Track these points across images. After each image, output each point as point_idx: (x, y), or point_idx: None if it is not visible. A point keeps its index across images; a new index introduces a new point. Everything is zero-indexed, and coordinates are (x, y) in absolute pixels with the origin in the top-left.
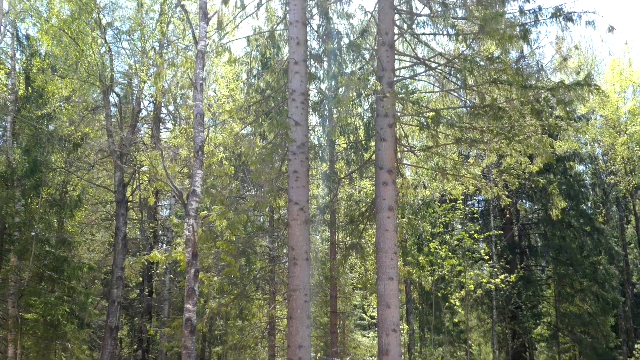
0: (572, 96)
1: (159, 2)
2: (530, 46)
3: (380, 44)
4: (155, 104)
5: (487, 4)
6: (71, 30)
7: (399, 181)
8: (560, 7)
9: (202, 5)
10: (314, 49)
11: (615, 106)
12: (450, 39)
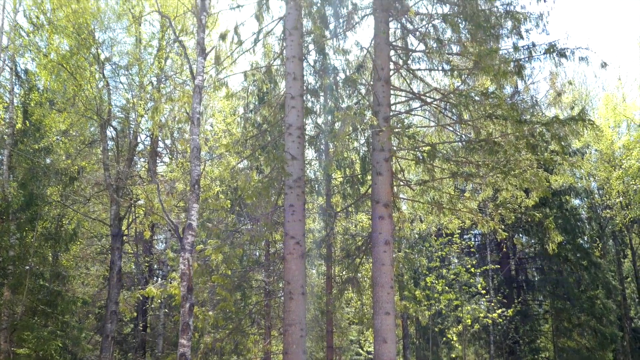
0: (566, 131)
1: (157, 37)
2: (524, 81)
3: (376, 79)
4: (152, 138)
5: (481, 41)
6: (70, 65)
7: (396, 215)
8: (554, 44)
9: (199, 41)
10: (310, 84)
11: (610, 141)
12: (445, 75)
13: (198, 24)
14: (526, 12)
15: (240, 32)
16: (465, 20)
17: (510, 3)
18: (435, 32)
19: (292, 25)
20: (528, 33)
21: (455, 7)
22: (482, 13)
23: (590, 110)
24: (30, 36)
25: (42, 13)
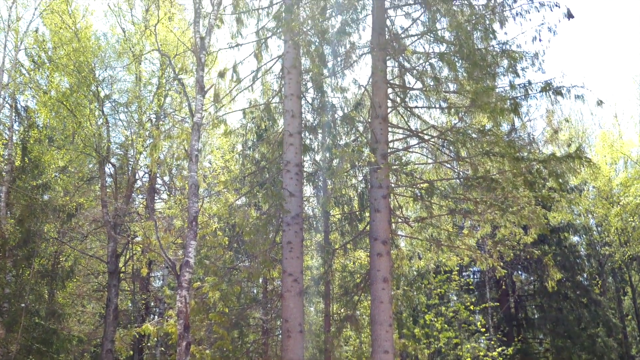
0: (564, 168)
1: (157, 75)
2: (521, 119)
3: (374, 116)
4: (150, 175)
5: (478, 79)
6: (70, 102)
7: (394, 252)
8: (550, 82)
9: (199, 79)
10: (308, 121)
11: (607, 178)
12: (442, 112)
13: (197, 62)
14: (522, 51)
15: (239, 70)
16: (462, 59)
17: (506, 42)
18: (432, 70)
19: (291, 64)
20: (524, 71)
21: (452, 46)
22: (479, 52)
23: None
24: (30, 74)
25: (44, 51)
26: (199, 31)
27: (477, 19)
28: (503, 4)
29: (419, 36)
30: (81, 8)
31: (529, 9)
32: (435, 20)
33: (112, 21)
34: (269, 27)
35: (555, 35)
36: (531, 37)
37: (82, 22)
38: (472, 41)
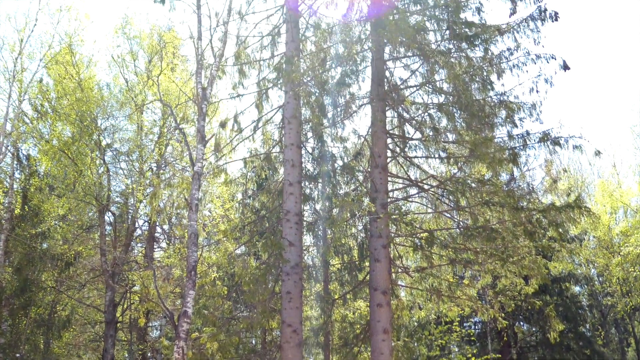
0: (563, 218)
1: (158, 125)
2: (520, 169)
3: (374, 166)
4: (150, 223)
5: (476, 129)
6: (71, 151)
7: (394, 302)
8: (548, 132)
9: (200, 129)
10: (308, 170)
11: (607, 227)
12: (442, 162)
13: (199, 112)
14: (519, 102)
15: (240, 120)
16: (460, 110)
17: (504, 93)
18: (431, 120)
19: (291, 114)
20: (522, 122)
21: (450, 97)
22: (477, 102)
23: (587, 196)
24: (33, 123)
25: (47, 101)
26: (201, 82)
27: (475, 71)
28: (500, 56)
29: (417, 87)
30: (85, 59)
31: (525, 61)
32: (433, 72)
33: (115, 71)
34: (270, 78)
35: (552, 87)
36: (528, 88)
37: (86, 73)
38: (470, 92)
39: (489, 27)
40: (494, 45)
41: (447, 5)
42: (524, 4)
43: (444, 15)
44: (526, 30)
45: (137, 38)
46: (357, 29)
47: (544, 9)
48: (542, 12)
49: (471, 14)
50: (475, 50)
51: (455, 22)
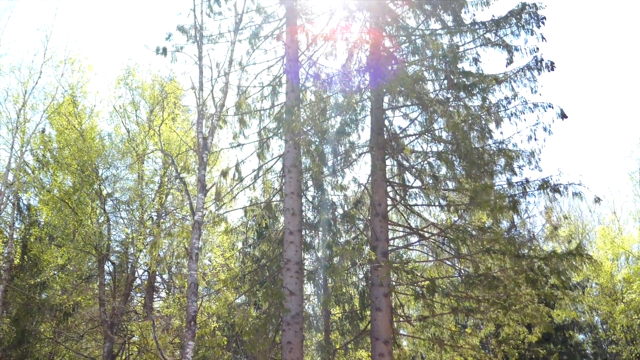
0: (565, 265)
1: (159, 174)
2: (520, 216)
3: (374, 214)
4: (149, 273)
5: (476, 177)
6: (72, 200)
7: (396, 352)
8: (547, 180)
9: (200, 178)
10: (309, 219)
11: (610, 274)
12: (442, 210)
13: (199, 161)
14: (518, 150)
15: (241, 169)
16: (460, 158)
17: (502, 141)
18: (431, 169)
19: (291, 163)
20: (521, 169)
21: (450, 145)
22: (476, 151)
23: (588, 243)
24: (35, 173)
25: (49, 151)
26: (202, 131)
27: (473, 119)
28: (498, 105)
29: (417, 136)
30: (87, 110)
31: (523, 109)
32: (432, 121)
33: (117, 122)
34: (271, 128)
35: (550, 135)
36: (527, 136)
37: (88, 123)
38: (469, 140)
39: (487, 76)
40: (491, 94)
41: (445, 55)
42: (520, 54)
43: (441, 65)
44: (523, 79)
45: (139, 89)
46: (357, 78)
47: (540, 59)
48: (538, 62)
49: (468, 64)
50: (473, 99)
51: (453, 71)
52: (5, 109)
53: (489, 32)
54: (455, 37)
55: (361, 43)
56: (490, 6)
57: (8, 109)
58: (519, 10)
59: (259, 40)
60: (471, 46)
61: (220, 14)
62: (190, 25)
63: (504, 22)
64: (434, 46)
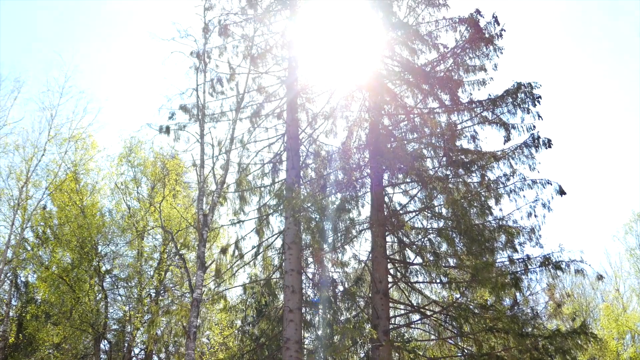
0: (570, 344)
1: (158, 250)
2: (523, 294)
3: (375, 292)
4: (146, 352)
5: (476, 254)
6: (70, 277)
7: None
8: (548, 256)
9: (200, 255)
10: (309, 296)
11: (616, 353)
12: (443, 287)
13: (199, 239)
14: (518, 226)
15: (241, 245)
16: (460, 235)
17: (503, 218)
18: (432, 245)
19: (292, 240)
20: (522, 246)
21: (450, 222)
22: (476, 227)
23: (592, 321)
24: (34, 250)
25: (49, 227)
26: (203, 208)
27: (473, 196)
28: (497, 181)
29: (417, 212)
30: (89, 186)
31: (522, 186)
32: (432, 197)
33: (118, 198)
34: (271, 204)
35: (550, 212)
36: (526, 212)
37: (89, 200)
38: (469, 217)
39: (485, 153)
40: (490, 171)
41: (443, 133)
42: (517, 132)
43: (440, 143)
44: (521, 156)
45: (140, 166)
46: (356, 156)
47: (537, 137)
48: (535, 140)
49: (466, 141)
50: (472, 176)
51: (451, 149)
52: (8, 186)
53: (486, 111)
54: (453, 116)
55: (361, 121)
56: (486, 85)
57: (10, 186)
58: (514, 90)
59: (260, 118)
60: (469, 124)
61: (222, 93)
62: (192, 104)
63: (500, 101)
64: (432, 124)
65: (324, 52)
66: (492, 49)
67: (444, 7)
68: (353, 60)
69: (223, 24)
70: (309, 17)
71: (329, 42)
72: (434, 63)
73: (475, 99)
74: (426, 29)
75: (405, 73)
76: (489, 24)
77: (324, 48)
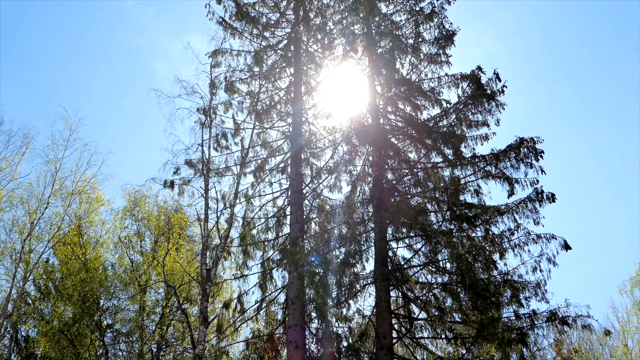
0: None
1: (160, 305)
2: (529, 349)
3: (379, 347)
4: None
5: (482, 309)
6: (71, 332)
7: None
8: (555, 311)
9: (202, 310)
10: (312, 351)
11: None
12: (449, 343)
13: (202, 293)
14: (524, 281)
15: (244, 300)
16: (465, 289)
17: (508, 272)
18: (436, 300)
19: (295, 294)
20: (528, 301)
21: (454, 277)
22: (481, 282)
23: None
24: (35, 304)
25: (51, 281)
26: (206, 262)
27: (477, 251)
28: (501, 236)
29: (421, 267)
30: (92, 240)
31: (526, 240)
32: (436, 252)
33: (121, 252)
34: (274, 259)
35: (555, 267)
36: (531, 267)
37: (92, 253)
38: (474, 272)
39: (489, 208)
40: (494, 226)
41: (447, 187)
42: (521, 186)
43: (443, 197)
44: (525, 211)
45: (144, 219)
46: (360, 210)
47: (540, 191)
48: (539, 194)
49: (470, 195)
50: (476, 230)
51: (455, 203)
52: (10, 240)
53: (489, 165)
54: (456, 170)
55: (364, 176)
56: (489, 140)
57: (13, 240)
58: (517, 145)
59: (265, 173)
60: (472, 178)
61: (227, 147)
62: (197, 158)
63: (503, 156)
64: (435, 179)
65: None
66: (494, 105)
67: (446, 65)
68: (356, 116)
69: (229, 80)
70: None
71: (332, 98)
72: (436, 118)
73: (478, 153)
74: (429, 85)
75: (408, 128)
76: (491, 80)
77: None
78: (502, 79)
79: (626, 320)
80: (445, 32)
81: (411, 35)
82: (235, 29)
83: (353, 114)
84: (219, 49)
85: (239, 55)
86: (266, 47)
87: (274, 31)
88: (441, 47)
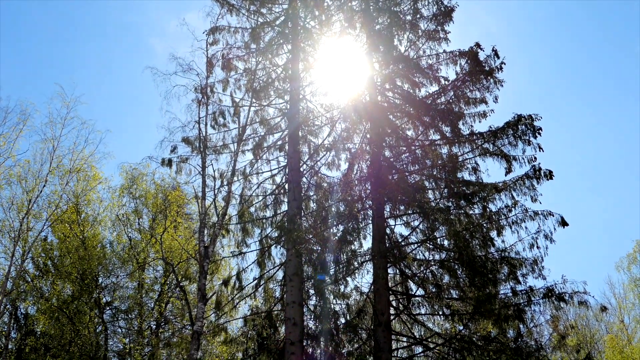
0: None
1: (159, 282)
2: (526, 325)
3: (377, 324)
4: None
5: (479, 285)
6: (70, 309)
7: None
8: (552, 288)
9: (200, 287)
10: (310, 328)
11: None
12: (446, 319)
13: (200, 270)
14: (521, 258)
15: (242, 277)
16: (462, 266)
17: (505, 249)
18: (434, 277)
19: (293, 272)
20: (525, 278)
21: (452, 254)
22: (478, 259)
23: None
24: (34, 281)
25: (50, 259)
26: (204, 240)
27: (475, 228)
28: (499, 213)
29: (418, 244)
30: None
31: (524, 217)
32: (434, 229)
33: (119, 230)
34: (273, 236)
35: (552, 243)
36: (529, 244)
37: (90, 231)
38: (471, 249)
39: (486, 185)
40: (492, 203)
41: (445, 165)
42: (519, 163)
43: (441, 175)
44: (522, 188)
45: (142, 197)
46: (358, 188)
47: (538, 168)
48: (536, 171)
49: (468, 173)
50: (474, 208)
51: (453, 181)
52: (9, 218)
53: (487, 143)
54: (454, 147)
55: (362, 153)
56: (487, 117)
57: (11, 218)
58: (515, 122)
59: (262, 150)
60: (470, 156)
61: (224, 125)
62: (195, 136)
63: (501, 133)
64: (433, 156)
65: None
66: (492, 82)
67: (445, 41)
68: (354, 93)
69: (226, 57)
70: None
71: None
72: (434, 95)
73: (476, 131)
74: (427, 62)
75: (406, 105)
76: (489, 57)
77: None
78: (500, 56)
79: (623, 296)
80: (444, 8)
81: (409, 12)
82: (232, 5)
83: (351, 91)
84: (216, 26)
85: (236, 32)
86: (263, 24)
87: (271, 7)
88: (439, 23)
